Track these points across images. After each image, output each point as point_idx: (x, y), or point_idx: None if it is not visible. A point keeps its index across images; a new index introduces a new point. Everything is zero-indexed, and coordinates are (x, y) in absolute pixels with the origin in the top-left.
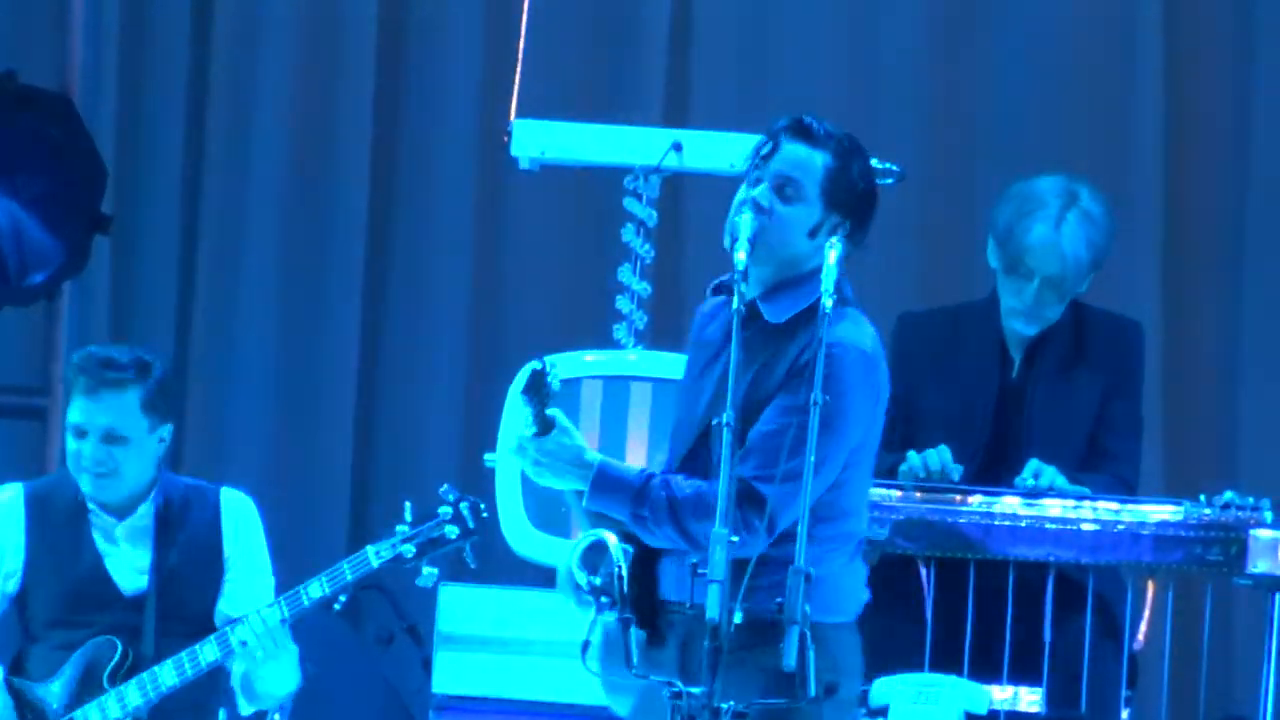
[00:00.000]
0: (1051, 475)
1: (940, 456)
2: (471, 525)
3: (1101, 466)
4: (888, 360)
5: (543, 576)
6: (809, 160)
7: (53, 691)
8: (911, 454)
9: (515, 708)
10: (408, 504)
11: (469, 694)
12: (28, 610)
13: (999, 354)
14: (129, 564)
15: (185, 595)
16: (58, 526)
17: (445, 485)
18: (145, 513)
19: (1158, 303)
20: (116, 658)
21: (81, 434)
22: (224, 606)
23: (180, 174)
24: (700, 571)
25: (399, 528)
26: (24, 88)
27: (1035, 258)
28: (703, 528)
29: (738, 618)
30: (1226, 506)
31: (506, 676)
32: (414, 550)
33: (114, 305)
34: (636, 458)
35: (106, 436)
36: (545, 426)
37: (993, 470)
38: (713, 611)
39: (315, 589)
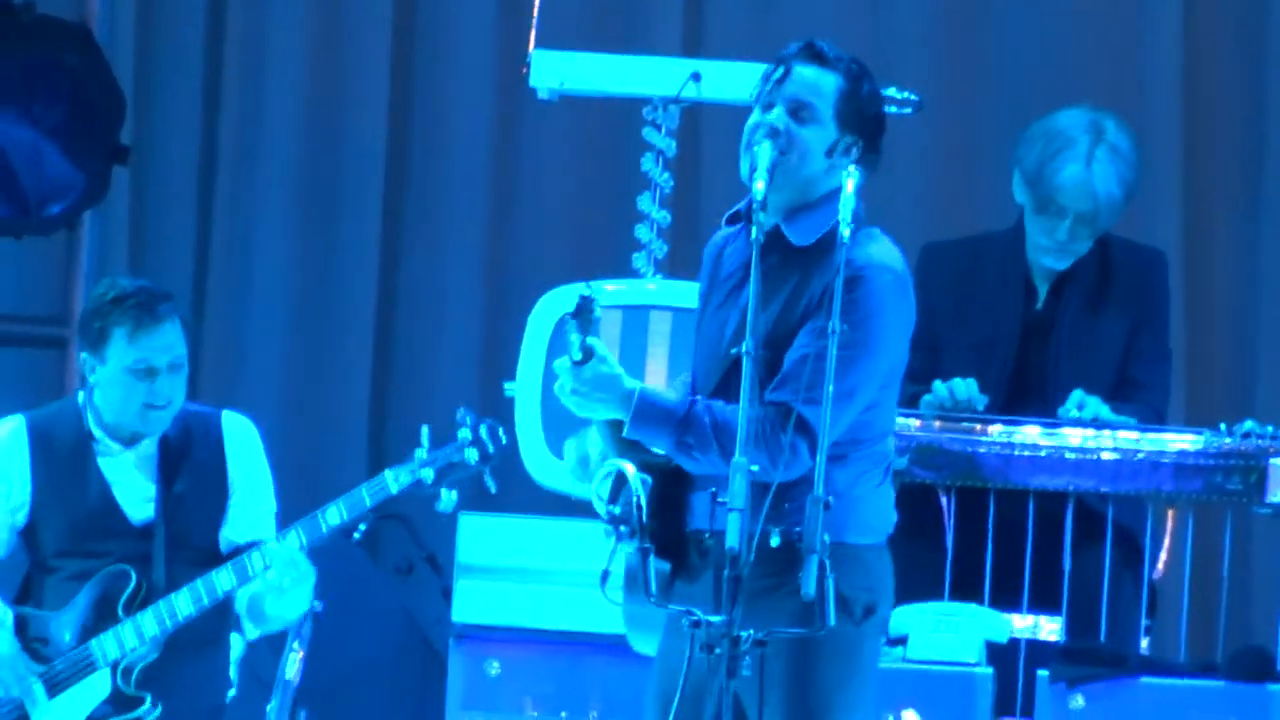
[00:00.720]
0: (1095, 406)
1: (968, 388)
2: (491, 449)
3: (1132, 396)
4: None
5: (562, 505)
6: (822, 82)
7: (64, 621)
8: (937, 383)
9: (535, 637)
10: (425, 428)
11: (489, 623)
12: (37, 541)
13: (1024, 286)
14: (137, 493)
15: (192, 522)
16: (63, 457)
17: (461, 409)
18: (151, 441)
19: (1178, 235)
20: (131, 587)
21: (151, 372)
22: (228, 532)
23: (198, 103)
24: (720, 500)
25: (417, 452)
26: (42, 18)
27: (1068, 196)
28: (749, 453)
29: (774, 540)
30: (1246, 435)
31: (526, 606)
32: (433, 475)
33: (133, 234)
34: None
35: (172, 367)
36: (586, 354)
37: (1017, 402)
38: (732, 540)
39: (333, 515)
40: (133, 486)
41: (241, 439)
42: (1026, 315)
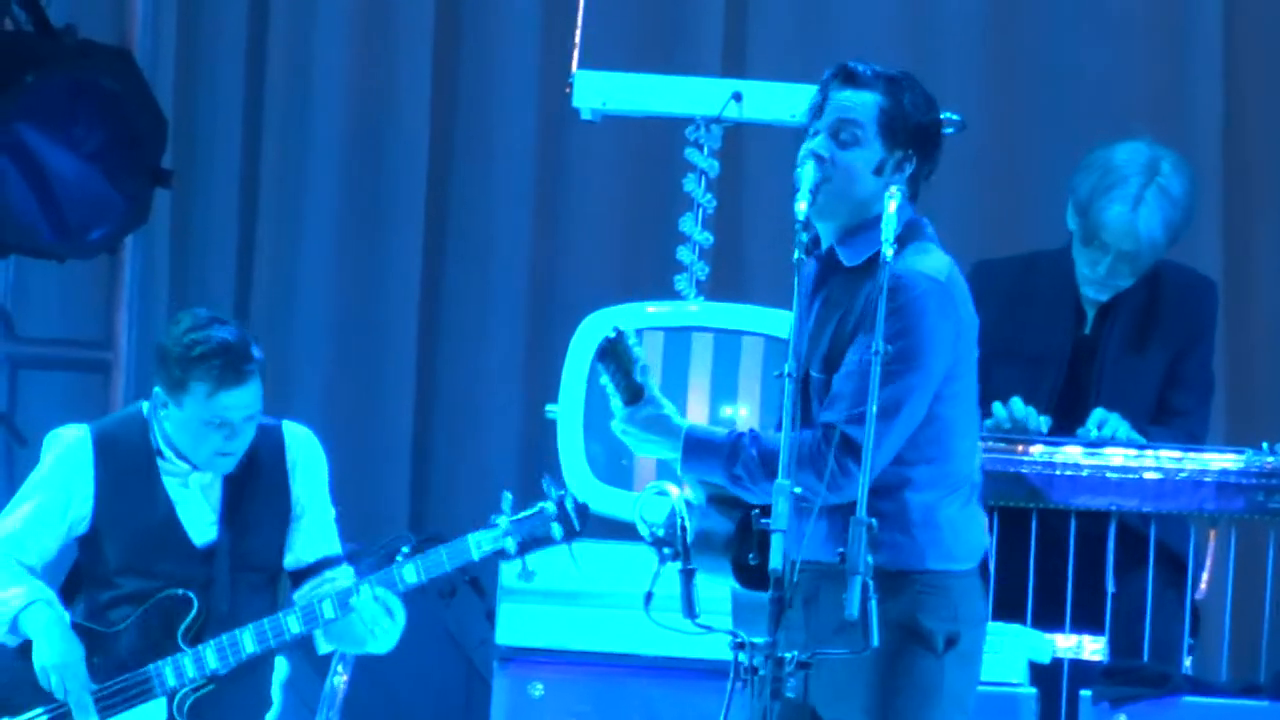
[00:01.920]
0: (1115, 424)
1: (1025, 409)
2: (576, 527)
3: (1171, 423)
4: None
5: (606, 528)
6: (860, 102)
7: (123, 642)
8: (997, 405)
9: (579, 659)
10: (507, 495)
11: (532, 645)
12: (101, 555)
13: (1074, 306)
14: (201, 515)
15: (255, 544)
16: (128, 471)
17: (547, 478)
18: None
19: (1219, 254)
20: (192, 615)
21: (226, 425)
22: (296, 552)
23: (240, 126)
24: (763, 522)
25: (500, 520)
26: (84, 42)
27: (1111, 234)
28: (803, 478)
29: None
30: None
31: (570, 628)
32: (516, 547)
33: (174, 258)
34: (698, 409)
35: (247, 420)
36: (634, 395)
37: (1063, 422)
38: (776, 561)
39: (410, 573)
40: (197, 508)
41: (304, 453)
42: (1076, 336)
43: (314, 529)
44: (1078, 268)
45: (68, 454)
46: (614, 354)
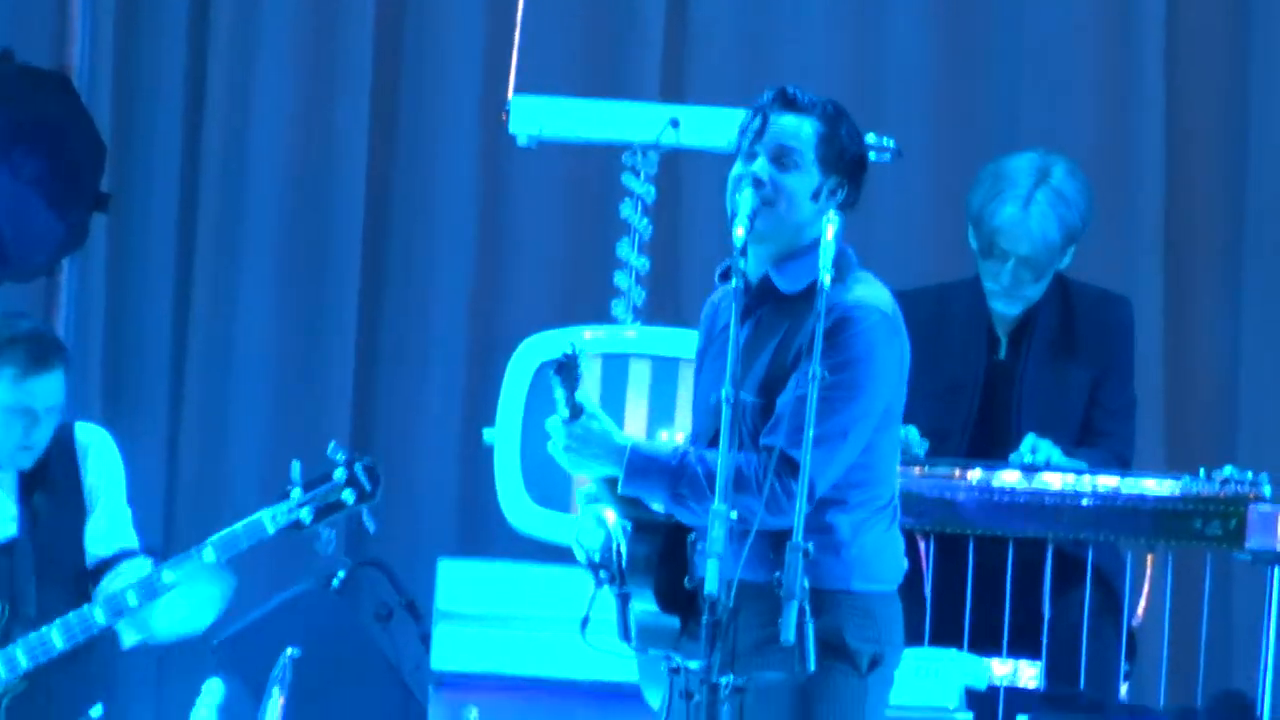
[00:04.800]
0: (1048, 450)
1: (907, 432)
2: (368, 488)
3: (1096, 444)
4: None
5: (542, 551)
6: (800, 128)
7: None
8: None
9: (515, 683)
10: (296, 464)
11: (468, 670)
12: None
13: (986, 333)
14: (1, 512)
15: (55, 539)
16: None
17: (333, 444)
18: None
19: (1159, 280)
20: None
21: (29, 413)
22: (92, 546)
23: (179, 151)
24: (699, 547)
25: (293, 491)
26: (22, 66)
27: (1006, 239)
28: (743, 500)
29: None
30: (1226, 481)
31: (506, 652)
32: (311, 516)
33: (111, 282)
34: (635, 434)
35: (49, 412)
36: (575, 411)
37: (980, 449)
38: (711, 586)
39: (209, 554)
40: None
41: (96, 449)
42: (989, 362)
43: (109, 522)
44: (984, 284)
45: None
46: (567, 370)
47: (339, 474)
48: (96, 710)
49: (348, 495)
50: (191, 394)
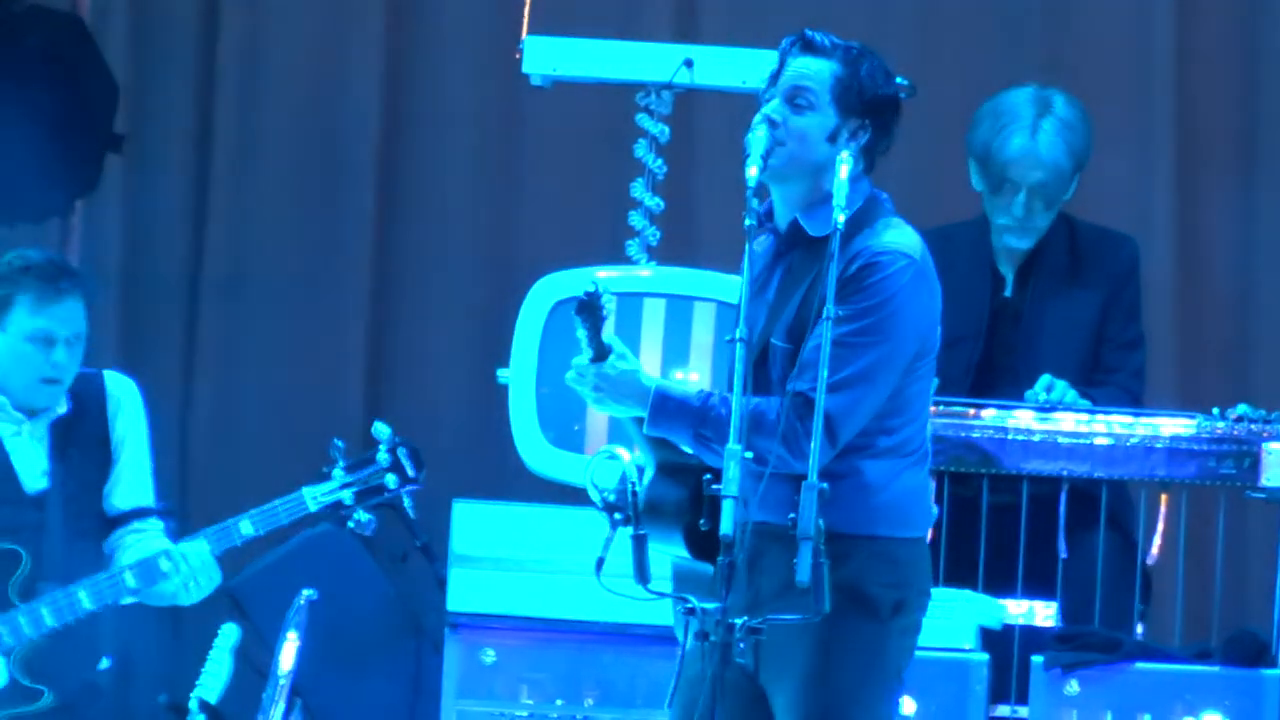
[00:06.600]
0: (1063, 389)
1: None
2: (410, 474)
3: (1105, 382)
4: None
5: (557, 493)
6: (816, 69)
7: None
8: None
9: (530, 625)
10: (338, 442)
11: (484, 611)
12: None
13: (990, 272)
14: (33, 464)
15: (84, 490)
16: None
17: (378, 423)
18: (51, 414)
19: (1171, 218)
20: (19, 568)
21: (50, 341)
22: (114, 499)
23: (192, 91)
24: (714, 487)
25: (335, 472)
26: (35, 7)
27: (1017, 170)
28: (766, 443)
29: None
30: (1240, 420)
31: (521, 594)
32: (352, 498)
33: (126, 223)
34: (650, 373)
35: (71, 340)
36: (601, 352)
37: (988, 387)
38: (726, 527)
39: (246, 527)
40: (30, 457)
41: (125, 397)
42: (995, 302)
43: (131, 476)
44: (994, 223)
45: None
46: (590, 309)
47: (382, 457)
48: (104, 663)
49: (390, 480)
50: (206, 336)
